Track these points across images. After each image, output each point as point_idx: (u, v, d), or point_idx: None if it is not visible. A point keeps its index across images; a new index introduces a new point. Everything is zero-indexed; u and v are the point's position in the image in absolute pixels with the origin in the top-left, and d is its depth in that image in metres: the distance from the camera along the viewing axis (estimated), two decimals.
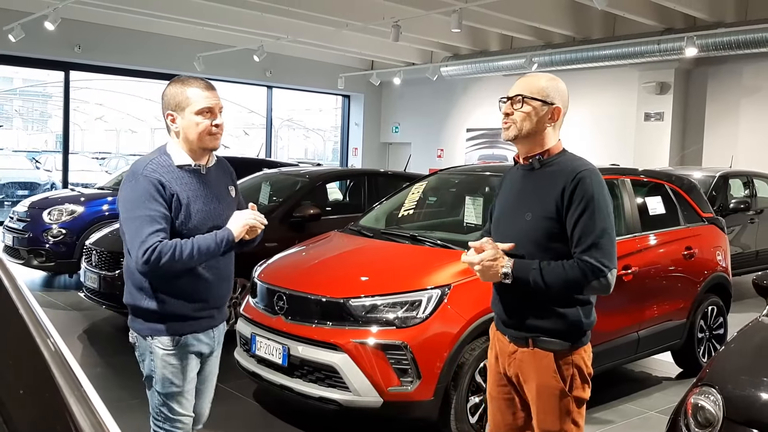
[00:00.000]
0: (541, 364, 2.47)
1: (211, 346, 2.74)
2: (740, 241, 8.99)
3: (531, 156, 2.52)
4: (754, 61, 11.69)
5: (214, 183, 2.65)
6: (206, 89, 2.57)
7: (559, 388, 2.46)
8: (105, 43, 13.46)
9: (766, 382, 2.75)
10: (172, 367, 2.61)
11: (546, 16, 11.84)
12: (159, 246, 2.41)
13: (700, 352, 5.49)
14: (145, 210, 2.44)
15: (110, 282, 6.04)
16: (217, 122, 2.57)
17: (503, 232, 2.57)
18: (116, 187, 9.73)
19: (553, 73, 2.63)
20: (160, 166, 2.53)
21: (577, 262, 2.36)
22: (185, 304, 2.59)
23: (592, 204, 2.37)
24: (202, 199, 2.58)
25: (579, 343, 2.50)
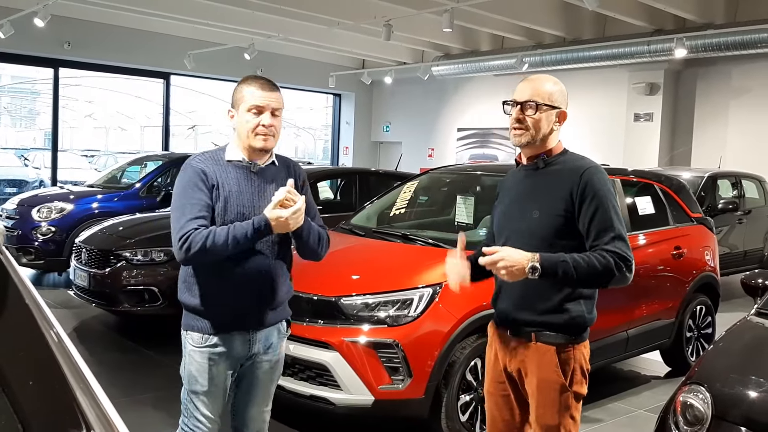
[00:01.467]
0: (544, 358, 2.50)
1: (247, 350, 2.61)
2: (728, 242, 9.06)
3: (535, 156, 2.58)
4: (743, 63, 11.77)
5: (268, 182, 2.61)
6: (261, 88, 2.55)
7: (559, 382, 2.49)
8: (95, 40, 13.38)
9: (754, 381, 2.78)
10: (198, 364, 2.57)
11: (537, 17, 11.88)
12: (193, 234, 2.42)
13: (689, 351, 5.53)
14: (187, 198, 2.49)
15: (100, 280, 6.03)
16: (265, 122, 2.53)
17: (509, 229, 2.60)
18: (106, 185, 9.71)
19: (543, 74, 2.66)
20: (209, 157, 2.60)
21: (604, 252, 2.37)
22: (217, 303, 2.56)
23: (605, 200, 2.43)
24: (247, 195, 2.56)
25: (580, 338, 2.54)
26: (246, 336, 2.60)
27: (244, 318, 2.58)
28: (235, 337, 2.58)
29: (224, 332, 2.57)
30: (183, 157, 9.96)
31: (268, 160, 2.65)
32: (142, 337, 6.21)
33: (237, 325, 2.58)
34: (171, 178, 9.53)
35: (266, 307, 2.62)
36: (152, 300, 5.95)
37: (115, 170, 10.62)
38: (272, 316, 2.66)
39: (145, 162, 10.41)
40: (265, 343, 2.65)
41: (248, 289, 2.56)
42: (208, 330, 2.56)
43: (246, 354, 2.62)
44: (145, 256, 6.00)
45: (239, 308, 2.56)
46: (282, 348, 2.77)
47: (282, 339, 2.76)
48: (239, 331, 2.59)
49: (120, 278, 5.95)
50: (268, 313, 2.63)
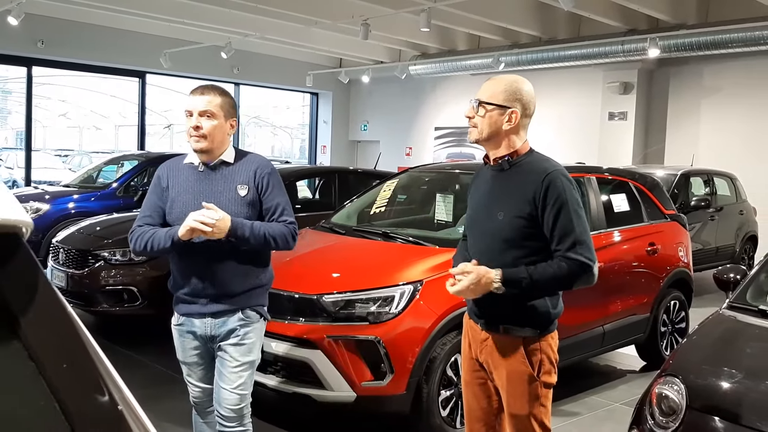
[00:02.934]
0: (511, 350, 2.59)
1: (204, 332, 2.90)
2: (701, 238, 9.23)
3: (500, 157, 2.62)
4: (715, 62, 11.98)
5: (215, 180, 2.85)
6: (193, 93, 2.82)
7: (527, 373, 2.57)
8: (69, 38, 13.24)
9: (726, 372, 2.86)
10: (175, 339, 3.00)
11: (513, 17, 11.98)
12: (134, 230, 2.87)
13: (663, 345, 5.64)
14: (145, 199, 2.94)
15: (78, 281, 5.98)
16: (192, 123, 2.79)
17: (477, 232, 2.70)
18: (82, 185, 9.63)
19: (519, 73, 2.70)
20: (170, 162, 2.97)
21: (563, 260, 2.46)
22: (179, 288, 2.92)
23: (567, 204, 2.48)
24: (192, 193, 2.82)
25: (547, 331, 2.62)
26: (203, 320, 2.90)
27: (196, 304, 2.89)
28: (194, 319, 2.92)
29: (185, 314, 2.94)
30: (160, 156, 9.92)
31: (215, 160, 2.87)
32: (121, 337, 6.18)
33: (191, 309, 2.91)
34: (148, 178, 9.47)
35: (215, 295, 2.87)
36: (131, 300, 5.92)
37: (91, 170, 10.53)
38: (226, 303, 2.89)
39: (121, 161, 10.34)
40: (224, 329, 2.90)
41: (195, 278, 2.85)
42: (177, 311, 2.98)
43: (207, 335, 2.92)
44: (123, 256, 5.96)
45: (191, 294, 2.89)
46: (251, 335, 2.93)
47: (248, 326, 2.92)
48: (195, 314, 2.91)
49: (98, 278, 5.91)
50: (219, 301, 2.87)
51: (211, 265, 2.84)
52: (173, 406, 4.47)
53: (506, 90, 2.57)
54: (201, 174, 2.87)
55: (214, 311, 2.88)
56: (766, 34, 10.17)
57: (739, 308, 3.35)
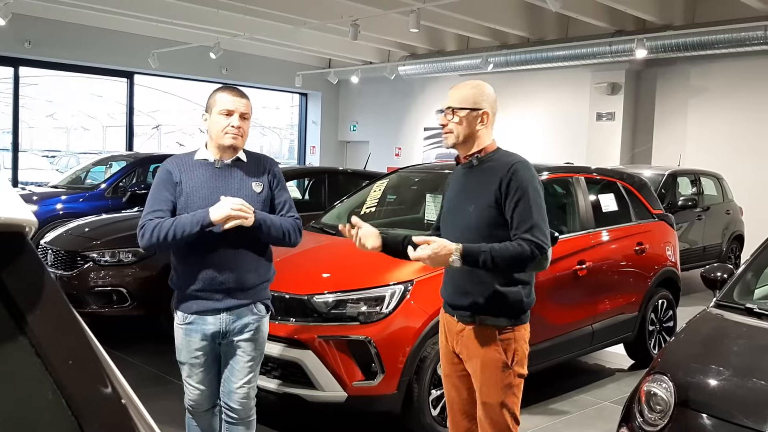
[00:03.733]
0: (485, 340, 2.71)
1: (218, 328, 2.90)
2: (688, 237, 9.30)
3: (470, 155, 2.79)
4: (701, 63, 12.08)
5: (232, 176, 2.92)
6: (231, 95, 2.91)
7: (501, 361, 2.69)
8: (56, 38, 13.16)
9: (714, 369, 2.90)
10: (180, 339, 2.96)
11: (501, 18, 12.02)
12: (146, 224, 2.80)
13: (651, 344, 5.68)
14: (153, 194, 2.90)
15: (67, 282, 5.95)
16: (234, 123, 2.87)
17: (450, 225, 2.85)
18: (70, 186, 9.58)
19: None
20: (178, 157, 2.99)
21: (520, 241, 2.59)
22: (189, 285, 2.88)
23: (527, 192, 2.64)
24: (209, 189, 2.87)
25: (519, 321, 2.73)
26: (217, 316, 2.90)
27: (210, 300, 2.88)
28: (207, 316, 2.89)
29: (197, 312, 2.90)
30: (148, 157, 9.89)
31: (233, 158, 2.95)
32: (109, 338, 6.15)
33: (205, 305, 2.88)
34: (137, 179, 9.44)
35: (231, 289, 2.89)
36: (120, 301, 5.90)
37: (80, 171, 10.48)
38: (241, 297, 2.92)
39: (109, 162, 10.30)
40: (238, 323, 2.92)
41: (211, 272, 2.85)
42: (185, 309, 2.92)
43: (219, 332, 2.91)
44: (112, 257, 5.95)
45: (205, 290, 2.87)
46: (261, 329, 3.01)
47: (259, 320, 2.99)
48: (209, 311, 2.89)
49: (87, 279, 5.89)
50: (235, 295, 2.90)
51: (229, 259, 2.87)
52: (164, 406, 4.45)
53: (474, 94, 2.76)
54: (218, 171, 2.92)
55: (230, 306, 2.90)
56: (752, 35, 10.27)
57: (726, 306, 3.38)
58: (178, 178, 2.89)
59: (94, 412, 0.69)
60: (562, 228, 5.08)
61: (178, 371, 3.11)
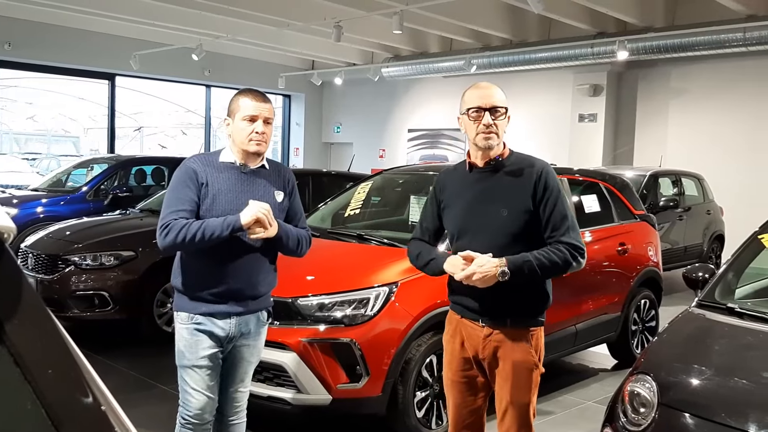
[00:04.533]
0: (518, 341, 2.69)
1: (227, 332, 2.85)
2: (670, 237, 9.38)
3: (490, 159, 2.75)
4: (681, 65, 12.20)
5: (257, 183, 2.89)
6: (255, 99, 2.83)
7: (533, 362, 2.71)
8: (36, 40, 13.03)
9: (696, 369, 2.92)
10: (185, 340, 2.84)
11: (484, 19, 12.07)
12: (171, 223, 2.71)
13: (634, 344, 5.72)
14: (175, 193, 2.80)
15: (48, 286, 5.89)
16: (258, 129, 2.81)
17: (475, 228, 2.73)
18: (50, 189, 9.48)
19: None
20: (202, 158, 2.91)
21: (559, 245, 2.62)
22: (201, 288, 2.81)
23: (559, 194, 2.69)
24: (235, 193, 2.82)
25: (540, 321, 2.76)
26: (227, 320, 2.85)
27: (223, 303, 2.83)
28: (216, 318, 2.83)
29: (207, 314, 2.83)
30: (130, 159, 9.81)
31: (258, 163, 2.91)
32: (91, 342, 6.10)
33: (217, 309, 2.83)
34: (119, 181, 9.37)
35: (244, 296, 2.86)
36: (102, 305, 5.85)
37: (60, 173, 10.37)
38: (251, 305, 2.90)
39: (91, 165, 10.20)
40: (243, 329, 2.90)
41: (228, 277, 2.81)
42: (193, 310, 2.84)
43: (226, 336, 2.86)
44: (94, 260, 5.89)
45: (219, 294, 2.81)
46: (262, 335, 3.01)
47: (261, 327, 2.99)
48: (220, 314, 2.84)
49: (69, 283, 5.83)
50: (246, 302, 2.87)
51: (246, 266, 2.85)
52: (148, 412, 4.43)
53: (502, 94, 2.77)
54: (245, 176, 2.87)
55: (241, 311, 2.87)
56: (731, 36, 10.39)
57: (707, 306, 3.41)
58: (204, 178, 2.81)
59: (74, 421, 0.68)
60: None
61: (161, 376, 3.07)
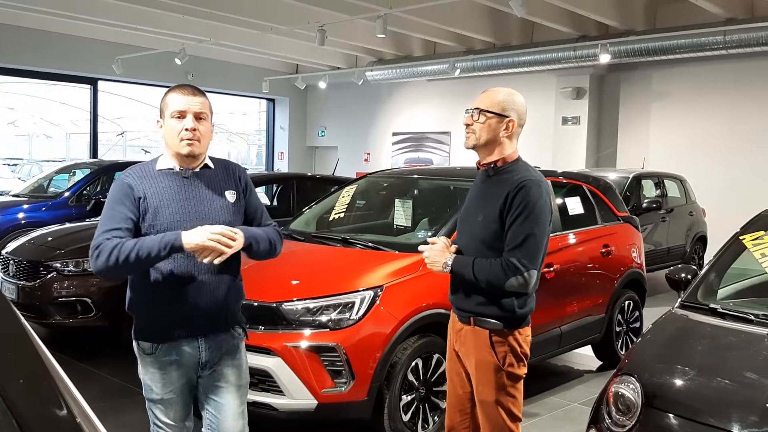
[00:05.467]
0: (479, 340, 2.81)
1: (198, 358, 2.57)
2: (653, 239, 9.44)
3: (488, 163, 2.84)
4: (662, 68, 12.31)
5: (202, 186, 2.58)
6: (182, 94, 2.53)
7: (493, 363, 2.79)
8: (17, 44, 12.91)
9: (679, 369, 2.94)
10: (150, 374, 2.57)
11: (467, 23, 12.11)
12: (102, 244, 2.40)
13: (618, 345, 5.75)
14: (108, 212, 2.51)
15: (30, 292, 5.83)
16: (188, 125, 2.49)
17: (462, 231, 2.94)
18: (32, 195, 9.38)
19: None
20: (138, 169, 2.58)
21: (501, 260, 2.70)
22: (161, 310, 2.53)
23: (527, 210, 2.68)
24: (179, 201, 2.52)
25: (514, 326, 2.81)
26: (194, 343, 2.57)
27: (187, 325, 2.54)
28: (182, 344, 2.55)
29: (171, 340, 2.54)
30: (113, 164, 9.74)
31: (200, 165, 2.61)
32: (74, 349, 6.04)
33: (181, 332, 2.54)
34: (101, 186, 9.29)
35: (211, 314, 2.57)
36: (85, 311, 5.79)
37: (42, 179, 10.28)
38: (220, 323, 2.62)
39: (73, 170, 10.11)
40: (218, 351, 2.61)
41: (187, 295, 2.52)
42: (155, 338, 2.55)
43: (197, 361, 2.59)
44: (76, 266, 5.83)
45: (180, 316, 2.53)
46: (241, 353, 2.72)
47: (238, 343, 2.71)
48: (186, 338, 2.56)
49: (51, 290, 5.77)
50: (213, 320, 2.58)
51: (207, 282, 2.54)
52: (130, 420, 4.39)
53: (504, 100, 2.80)
54: (186, 180, 2.56)
55: (208, 332, 2.58)
56: (711, 40, 10.50)
57: (690, 307, 3.44)
58: (142, 192, 2.50)
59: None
60: None
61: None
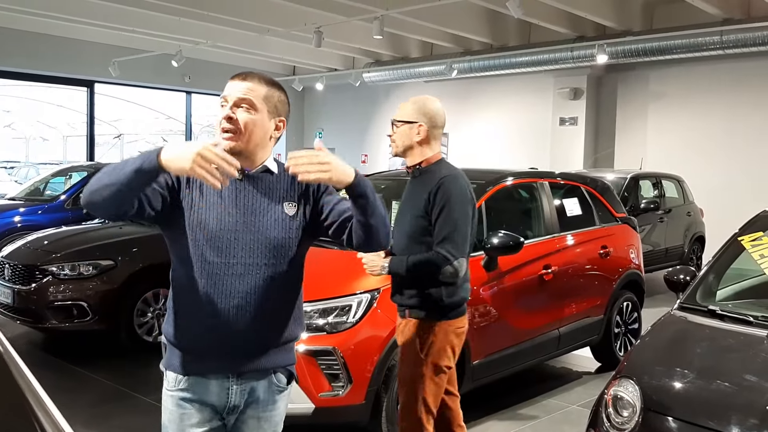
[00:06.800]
0: (408, 330, 3.07)
1: (225, 400, 2.10)
2: (651, 239, 9.44)
3: (412, 166, 3.12)
4: (660, 68, 12.30)
5: (258, 195, 2.10)
6: (236, 78, 2.12)
7: (414, 350, 3.02)
8: (13, 47, 12.88)
9: (678, 372, 2.92)
10: (169, 412, 2.12)
11: (465, 24, 12.10)
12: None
13: (617, 346, 5.73)
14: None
15: (25, 297, 5.80)
16: (224, 113, 2.06)
17: (396, 230, 3.15)
18: (29, 198, 9.36)
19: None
20: None
21: (432, 253, 2.95)
22: (189, 336, 2.08)
23: (449, 204, 2.94)
24: (227, 208, 2.06)
25: (442, 317, 3.03)
26: (224, 383, 2.09)
27: (216, 359, 2.08)
28: (210, 382, 2.08)
29: (197, 374, 2.08)
30: None
31: (258, 167, 2.12)
32: (71, 354, 6.01)
33: (211, 367, 2.08)
34: None
35: (248, 349, 2.09)
36: (81, 315, 5.76)
37: (38, 182, 10.25)
38: (260, 361, 2.11)
39: (69, 173, 10.08)
40: (249, 396, 2.12)
41: (224, 322, 2.04)
42: (180, 369, 2.09)
43: (224, 404, 2.11)
44: (73, 270, 5.81)
45: (211, 347, 2.06)
46: (278, 405, 2.20)
47: (276, 394, 2.17)
48: (215, 374, 2.08)
49: (47, 294, 5.74)
50: (252, 357, 2.10)
51: (253, 305, 2.06)
52: (128, 423, 4.37)
53: (413, 108, 3.08)
54: (239, 183, 2.08)
55: (243, 370, 2.09)
56: (708, 40, 10.50)
57: (689, 309, 3.42)
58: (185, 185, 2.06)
59: None
60: (528, 233, 5.11)
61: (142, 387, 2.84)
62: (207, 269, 2.04)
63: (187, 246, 2.05)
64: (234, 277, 2.04)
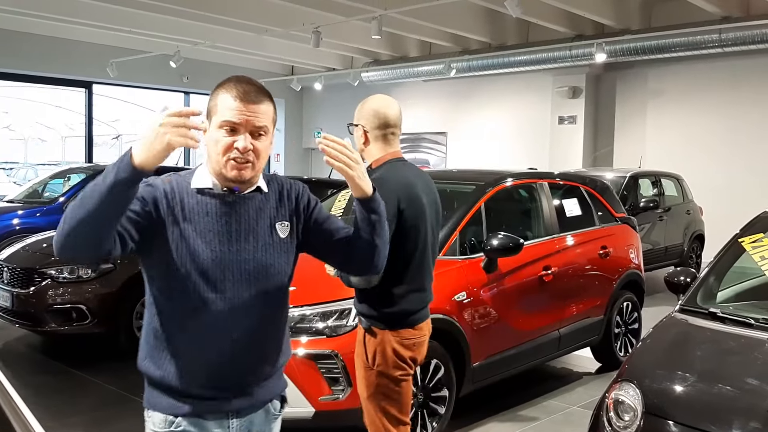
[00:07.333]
0: (358, 339, 2.93)
1: None
2: (650, 238, 9.42)
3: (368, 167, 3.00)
4: (658, 66, 12.30)
5: (250, 216, 1.91)
6: (241, 98, 1.85)
7: (362, 359, 2.87)
8: (12, 48, 12.86)
9: (680, 376, 2.91)
10: None
11: (463, 23, 12.09)
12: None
13: (617, 346, 5.73)
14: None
15: (24, 300, 5.78)
16: (240, 145, 1.82)
17: None
18: (27, 200, 9.33)
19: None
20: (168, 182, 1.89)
21: None
22: (181, 375, 1.86)
23: None
24: (216, 233, 1.86)
25: (387, 326, 2.82)
26: (224, 422, 1.92)
27: (214, 398, 1.89)
28: (208, 422, 1.90)
29: (193, 416, 1.89)
30: None
31: (250, 187, 1.94)
32: (70, 357, 6.00)
33: (207, 406, 1.89)
34: None
35: (246, 383, 1.93)
36: (80, 318, 5.75)
37: (37, 184, 10.22)
38: (258, 393, 1.96)
39: (68, 175, 10.06)
40: (247, 429, 1.97)
41: (219, 357, 1.87)
42: (171, 410, 1.88)
43: None
44: (71, 273, 5.79)
45: (204, 387, 1.88)
46: (274, 429, 2.07)
47: (272, 422, 2.04)
48: (213, 413, 1.90)
49: (45, 297, 5.72)
50: (250, 392, 1.94)
51: (247, 336, 1.89)
52: (127, 427, 4.35)
53: (357, 111, 3.01)
54: (229, 205, 1.89)
55: (242, 407, 1.93)
56: (707, 38, 10.49)
57: (689, 311, 3.41)
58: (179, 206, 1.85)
59: None
60: (527, 234, 5.10)
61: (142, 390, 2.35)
62: (201, 303, 1.84)
63: (175, 278, 1.83)
64: (230, 310, 1.86)
